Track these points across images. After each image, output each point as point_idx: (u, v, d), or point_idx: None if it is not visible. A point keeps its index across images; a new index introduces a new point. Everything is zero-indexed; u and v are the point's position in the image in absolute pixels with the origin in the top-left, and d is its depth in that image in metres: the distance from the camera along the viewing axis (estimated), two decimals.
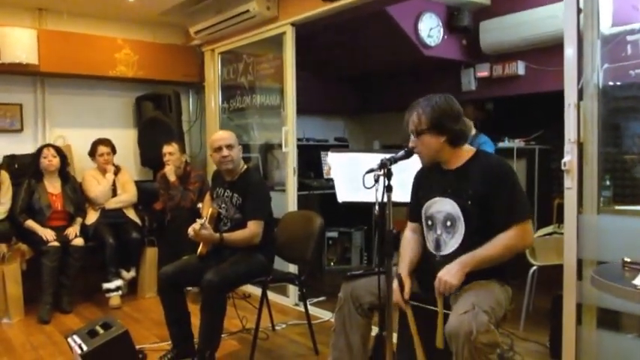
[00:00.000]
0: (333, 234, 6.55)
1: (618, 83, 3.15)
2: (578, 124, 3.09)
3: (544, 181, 5.76)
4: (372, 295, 2.78)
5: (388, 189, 2.47)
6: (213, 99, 6.60)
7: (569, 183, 3.13)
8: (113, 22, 6.41)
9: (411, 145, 2.80)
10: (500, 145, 5.99)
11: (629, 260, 2.13)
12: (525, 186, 5.88)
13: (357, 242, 6.64)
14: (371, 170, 2.53)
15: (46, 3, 5.85)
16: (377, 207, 2.45)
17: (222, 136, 3.92)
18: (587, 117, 3.09)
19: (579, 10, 3.07)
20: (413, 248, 2.96)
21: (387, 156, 2.59)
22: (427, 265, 2.85)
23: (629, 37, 3.09)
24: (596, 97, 3.09)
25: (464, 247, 2.69)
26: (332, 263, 6.48)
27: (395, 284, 2.72)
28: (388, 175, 2.49)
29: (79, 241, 5.16)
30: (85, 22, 6.18)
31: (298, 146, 5.51)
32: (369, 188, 2.46)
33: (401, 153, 2.64)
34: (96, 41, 6.08)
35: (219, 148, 3.84)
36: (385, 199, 2.49)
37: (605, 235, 3.01)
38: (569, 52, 3.12)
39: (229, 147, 3.84)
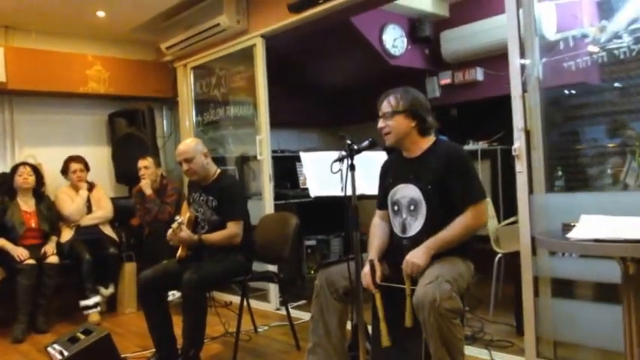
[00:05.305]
0: (312, 242, 6.58)
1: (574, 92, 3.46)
2: (525, 113, 3.41)
3: (507, 178, 5.94)
4: (346, 280, 2.93)
5: (352, 167, 2.67)
6: (187, 114, 6.64)
7: (520, 167, 3.44)
8: (83, 39, 6.42)
9: (380, 125, 3.04)
10: (465, 147, 6.18)
11: (566, 223, 2.41)
12: (490, 184, 6.10)
13: (336, 249, 6.67)
14: (337, 159, 2.74)
15: (13, 21, 5.85)
16: (342, 185, 2.65)
17: (180, 151, 3.98)
18: (532, 107, 3.42)
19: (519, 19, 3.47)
20: (380, 235, 3.16)
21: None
22: (395, 248, 3.05)
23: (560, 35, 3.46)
24: (537, 89, 3.44)
25: (427, 228, 2.91)
26: (312, 271, 6.52)
27: (366, 269, 2.91)
28: (351, 154, 2.69)
29: (53, 259, 5.08)
30: (54, 40, 6.21)
31: (274, 158, 5.62)
32: (335, 173, 2.68)
33: (365, 143, 2.80)
34: (66, 58, 6.07)
35: (180, 163, 3.99)
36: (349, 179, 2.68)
37: (554, 211, 3.28)
38: (512, 53, 3.50)
39: (188, 160, 3.93)
